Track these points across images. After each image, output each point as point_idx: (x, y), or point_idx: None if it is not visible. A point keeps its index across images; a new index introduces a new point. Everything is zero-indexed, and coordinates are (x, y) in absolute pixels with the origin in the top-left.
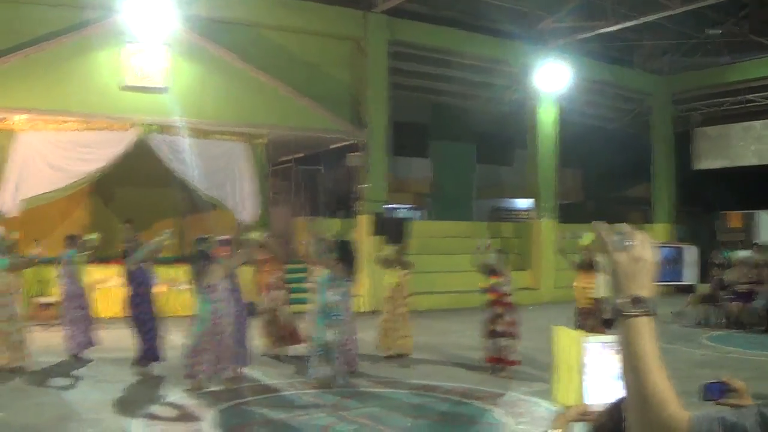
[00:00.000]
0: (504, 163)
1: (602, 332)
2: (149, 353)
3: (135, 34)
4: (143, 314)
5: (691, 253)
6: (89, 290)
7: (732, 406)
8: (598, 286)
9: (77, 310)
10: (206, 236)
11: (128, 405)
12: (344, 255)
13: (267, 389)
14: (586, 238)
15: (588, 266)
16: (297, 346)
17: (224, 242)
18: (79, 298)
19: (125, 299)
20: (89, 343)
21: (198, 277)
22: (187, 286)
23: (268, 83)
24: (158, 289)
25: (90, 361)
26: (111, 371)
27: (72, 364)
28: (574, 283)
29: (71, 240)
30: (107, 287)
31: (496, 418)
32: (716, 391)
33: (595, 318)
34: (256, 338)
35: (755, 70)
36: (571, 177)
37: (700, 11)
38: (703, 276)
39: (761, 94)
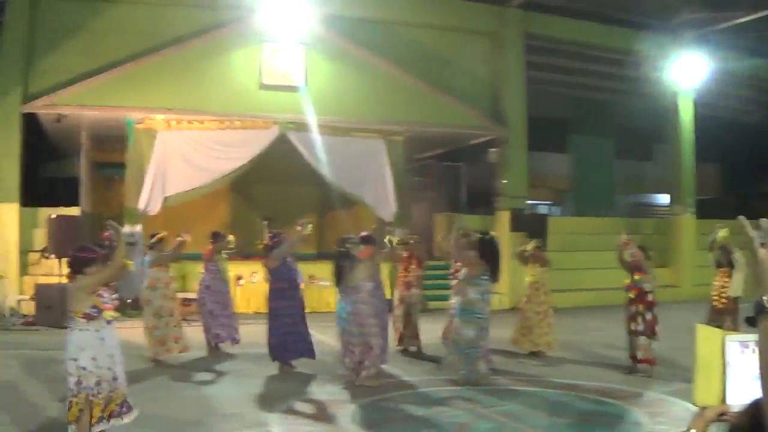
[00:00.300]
0: (643, 158)
1: (736, 332)
2: (274, 349)
3: (272, 33)
4: (278, 309)
5: None
6: (230, 286)
7: None
8: (734, 284)
9: (216, 305)
10: (350, 236)
11: (268, 400)
12: (488, 253)
13: (405, 386)
14: (722, 233)
15: (725, 264)
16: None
17: (366, 239)
18: (219, 293)
19: (266, 295)
20: (230, 338)
21: (340, 277)
22: (327, 284)
23: (405, 80)
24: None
25: (232, 356)
26: (252, 366)
27: (213, 359)
28: (713, 281)
29: (216, 236)
30: (248, 283)
31: (634, 418)
32: None
33: (731, 317)
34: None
35: None
36: (710, 172)
37: None
38: None
39: None
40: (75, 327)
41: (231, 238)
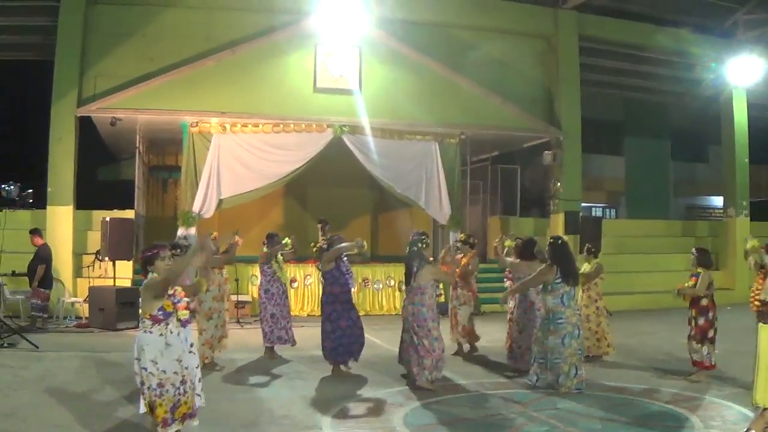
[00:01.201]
0: (699, 160)
1: None
2: (330, 352)
3: (326, 36)
4: (332, 314)
5: None
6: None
7: None
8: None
9: (277, 307)
10: (422, 233)
11: (321, 402)
12: (560, 257)
13: (459, 388)
14: (751, 243)
15: (761, 268)
16: (471, 345)
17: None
18: (278, 295)
19: (321, 298)
20: (287, 340)
21: (408, 277)
22: (381, 286)
23: (459, 82)
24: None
25: (286, 359)
26: (306, 369)
27: (266, 362)
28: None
29: (270, 238)
30: (302, 285)
31: (686, 422)
32: None
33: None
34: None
35: None
36: (764, 173)
37: None
38: None
39: None
40: (141, 327)
41: (287, 240)
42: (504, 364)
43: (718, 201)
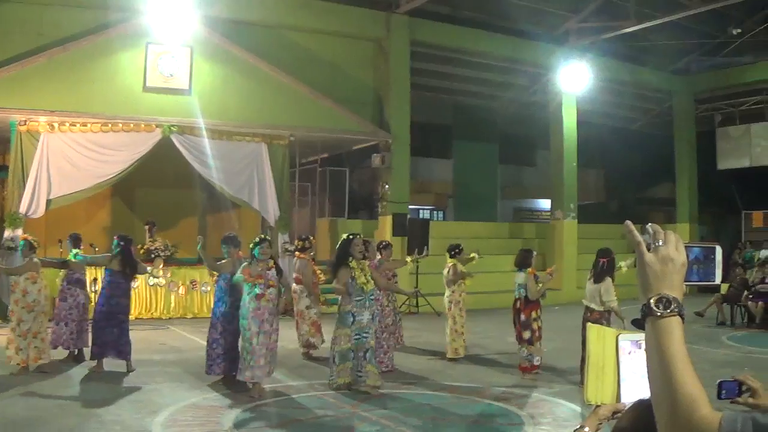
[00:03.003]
0: (527, 164)
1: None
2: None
3: (158, 35)
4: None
5: (719, 252)
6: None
7: (750, 405)
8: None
9: (72, 309)
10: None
11: (151, 407)
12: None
13: (291, 390)
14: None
15: None
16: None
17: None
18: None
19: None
20: (83, 343)
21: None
22: (209, 289)
23: (290, 84)
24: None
25: (116, 365)
26: (135, 372)
27: (91, 367)
28: None
29: (73, 239)
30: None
31: (517, 419)
32: (732, 390)
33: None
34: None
35: None
36: (593, 177)
37: (722, 11)
38: (726, 276)
39: None
40: None
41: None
42: None
43: (545, 204)
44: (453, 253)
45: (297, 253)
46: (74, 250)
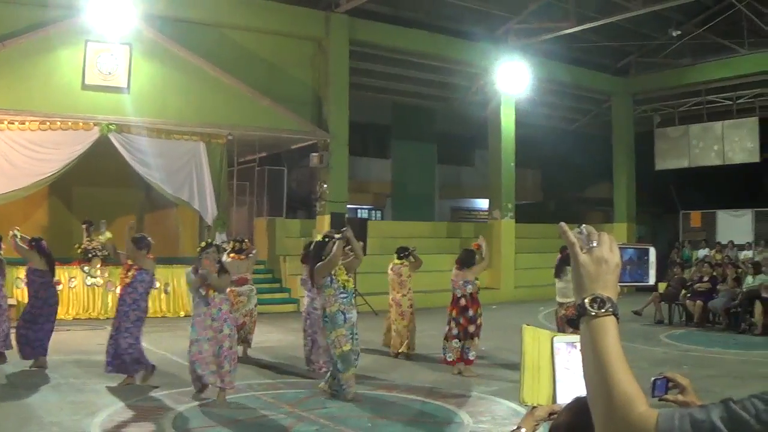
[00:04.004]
0: (465, 164)
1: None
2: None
3: (97, 33)
4: None
5: (653, 254)
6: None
7: (678, 402)
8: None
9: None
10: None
11: (90, 407)
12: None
13: (238, 390)
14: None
15: None
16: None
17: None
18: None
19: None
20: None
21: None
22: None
23: (229, 83)
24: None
25: (54, 365)
26: (72, 374)
27: (33, 367)
28: None
29: None
30: (67, 288)
31: (456, 418)
32: (662, 387)
33: None
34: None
35: (716, 71)
36: (531, 177)
37: (662, 13)
38: (664, 275)
39: (722, 95)
40: None
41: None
42: (274, 365)
43: (482, 203)
44: (402, 255)
45: (232, 255)
46: None
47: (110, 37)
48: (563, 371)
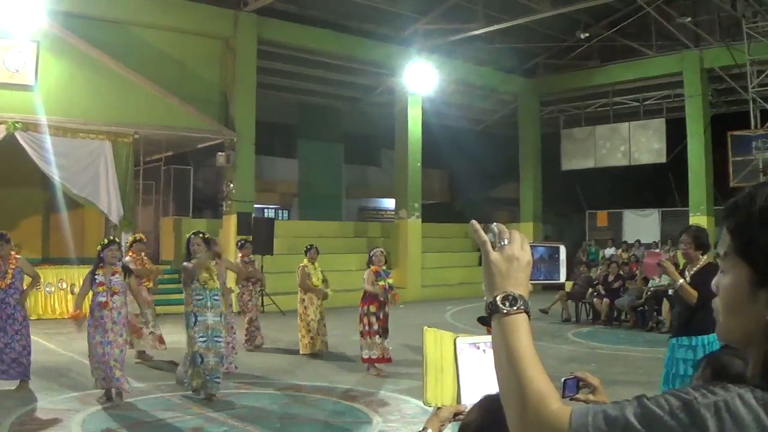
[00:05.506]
0: (372, 164)
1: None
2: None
3: (4, 29)
4: None
5: (563, 252)
6: None
7: (588, 401)
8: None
9: None
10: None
11: None
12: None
13: (137, 392)
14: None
15: None
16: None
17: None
18: None
19: None
20: None
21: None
22: (52, 289)
23: (136, 81)
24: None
25: None
26: None
27: None
28: None
29: None
30: None
31: (365, 417)
32: (572, 387)
33: None
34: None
35: (622, 73)
36: (438, 177)
37: (570, 15)
38: (571, 273)
39: (628, 96)
40: None
41: None
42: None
43: (389, 203)
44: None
45: (131, 252)
46: None
47: (17, 33)
48: (467, 372)
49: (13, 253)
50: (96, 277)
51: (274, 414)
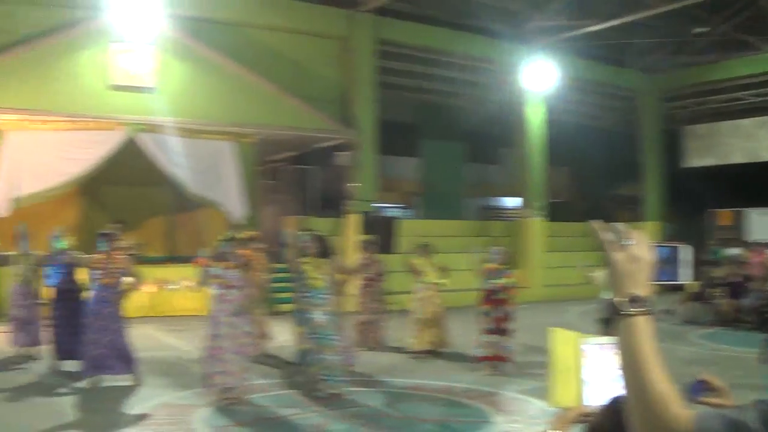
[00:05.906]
0: (492, 162)
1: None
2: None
3: (122, 33)
4: None
5: (686, 252)
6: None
7: (713, 405)
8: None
9: (21, 309)
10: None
11: (125, 405)
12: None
13: (258, 388)
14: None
15: None
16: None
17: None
18: (25, 296)
19: None
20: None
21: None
22: (178, 287)
23: (256, 82)
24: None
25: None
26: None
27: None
28: None
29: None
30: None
31: (488, 417)
32: (697, 390)
33: None
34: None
35: (742, 68)
36: (560, 175)
37: (687, 10)
38: (695, 274)
39: (749, 91)
40: None
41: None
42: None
43: (510, 201)
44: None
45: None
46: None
47: (136, 37)
48: (592, 373)
49: (118, 253)
50: (212, 270)
51: (393, 413)
